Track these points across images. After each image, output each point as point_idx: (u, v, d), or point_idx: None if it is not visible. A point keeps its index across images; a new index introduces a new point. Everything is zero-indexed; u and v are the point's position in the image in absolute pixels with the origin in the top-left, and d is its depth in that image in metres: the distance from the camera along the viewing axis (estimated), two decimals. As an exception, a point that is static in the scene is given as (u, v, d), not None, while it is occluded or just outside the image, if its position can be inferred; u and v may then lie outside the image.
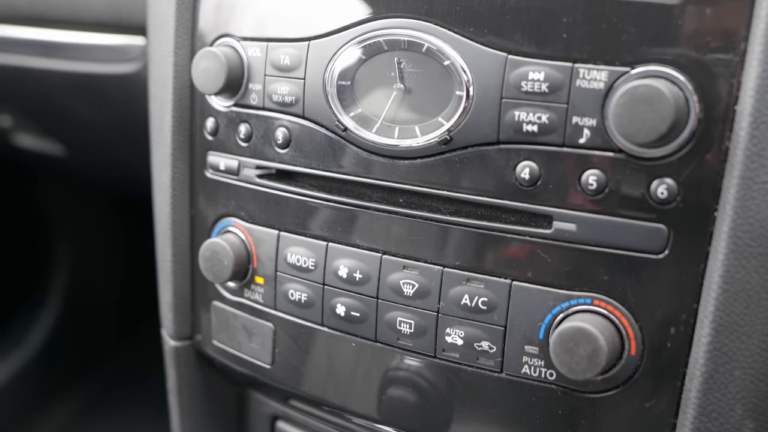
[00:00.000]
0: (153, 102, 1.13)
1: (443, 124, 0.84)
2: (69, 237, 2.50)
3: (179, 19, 1.05)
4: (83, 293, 2.51)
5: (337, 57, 0.89)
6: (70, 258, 2.50)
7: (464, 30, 0.82)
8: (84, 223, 2.54)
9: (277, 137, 0.96)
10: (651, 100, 0.70)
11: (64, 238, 2.49)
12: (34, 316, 2.41)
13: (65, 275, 2.48)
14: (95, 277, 2.56)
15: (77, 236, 2.51)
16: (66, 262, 2.50)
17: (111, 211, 2.60)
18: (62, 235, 2.50)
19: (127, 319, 2.60)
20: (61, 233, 2.50)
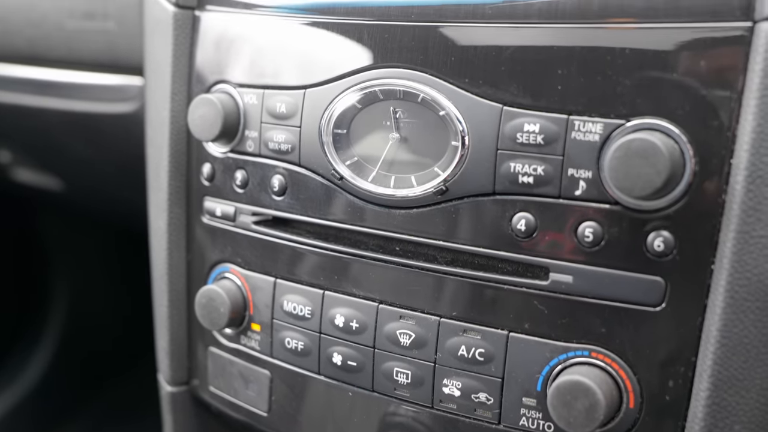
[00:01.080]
0: (150, 146, 1.13)
1: (439, 174, 0.84)
2: (67, 271, 2.49)
3: (176, 65, 1.05)
4: (81, 328, 2.50)
5: (332, 105, 0.89)
6: (68, 293, 2.49)
7: (459, 81, 0.82)
8: (83, 257, 2.54)
9: (273, 184, 0.95)
10: (646, 154, 0.70)
11: (62, 273, 2.49)
12: (31, 351, 2.40)
13: (63, 310, 2.47)
14: (93, 312, 2.55)
15: (76, 270, 2.50)
16: (64, 296, 2.49)
17: (111, 244, 2.60)
18: (61, 269, 2.49)
19: (124, 354, 2.58)
20: (59, 267, 2.49)
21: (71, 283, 2.50)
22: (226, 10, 1.01)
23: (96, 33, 1.37)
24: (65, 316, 2.45)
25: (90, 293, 2.55)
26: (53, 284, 2.48)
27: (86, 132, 1.59)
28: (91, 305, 2.57)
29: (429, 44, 0.83)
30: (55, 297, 2.48)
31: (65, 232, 2.50)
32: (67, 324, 2.44)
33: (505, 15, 0.79)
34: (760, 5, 0.69)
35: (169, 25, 1.05)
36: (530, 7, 0.78)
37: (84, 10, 1.38)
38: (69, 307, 2.49)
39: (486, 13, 0.80)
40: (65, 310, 2.46)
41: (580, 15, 0.76)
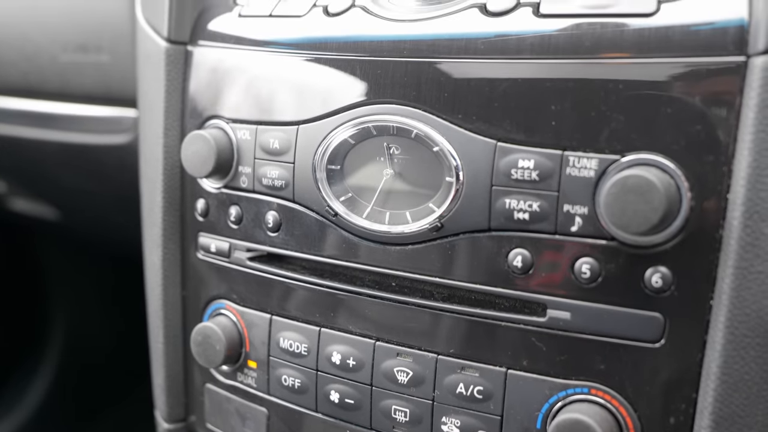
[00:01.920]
0: (144, 181, 1.13)
1: (434, 211, 0.83)
2: (65, 299, 2.48)
3: (168, 100, 1.05)
4: (79, 357, 2.48)
5: (326, 141, 0.89)
6: (66, 321, 2.47)
7: (453, 117, 0.81)
8: (81, 285, 2.52)
9: (268, 220, 0.95)
10: (642, 190, 0.69)
11: (60, 301, 2.47)
12: (29, 380, 2.39)
13: (60, 339, 2.45)
14: (91, 340, 2.53)
15: (73, 299, 2.49)
16: (61, 325, 2.47)
17: (108, 272, 2.58)
18: (58, 297, 2.48)
19: (121, 384, 2.56)
20: (57, 296, 2.48)
21: (68, 312, 2.49)
22: (219, 45, 1.00)
23: (89, 66, 1.37)
24: (62, 345, 2.44)
25: (87, 321, 2.54)
26: (51, 313, 2.47)
27: (81, 163, 1.59)
28: (89, 333, 2.55)
29: (422, 80, 0.83)
30: (52, 325, 2.47)
31: (63, 260, 2.48)
32: (65, 353, 2.42)
33: (498, 50, 0.79)
34: (753, 39, 0.69)
35: (161, 61, 1.05)
36: (522, 42, 0.78)
37: (77, 44, 1.38)
38: (66, 336, 2.47)
39: (478, 49, 0.80)
40: (62, 339, 2.45)
41: (572, 50, 0.76)
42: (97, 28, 1.34)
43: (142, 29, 1.11)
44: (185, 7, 1.04)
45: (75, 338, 2.45)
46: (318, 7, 0.93)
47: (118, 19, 1.30)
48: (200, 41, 1.03)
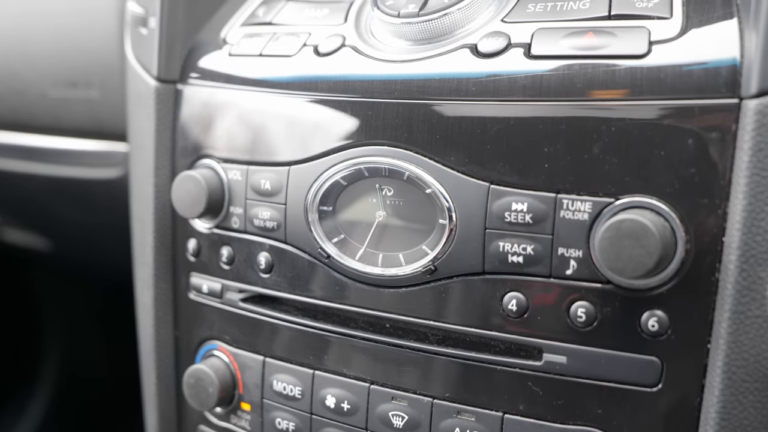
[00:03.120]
0: (135, 221, 1.12)
1: (428, 253, 0.82)
2: (59, 330, 2.46)
3: (159, 139, 1.04)
4: (73, 386, 2.46)
5: (318, 182, 0.88)
6: (60, 351, 2.45)
7: (445, 159, 0.81)
8: (75, 314, 2.51)
9: (260, 262, 0.94)
10: (637, 235, 0.69)
11: (54, 331, 2.46)
12: (23, 409, 2.36)
13: (55, 367, 2.43)
14: (85, 371, 2.51)
15: (68, 329, 2.47)
16: (56, 353, 2.45)
17: (102, 301, 2.57)
18: (52, 327, 2.46)
19: (116, 411, 2.54)
20: (51, 326, 2.46)
21: (63, 342, 2.47)
22: (209, 84, 1.00)
23: (79, 101, 1.36)
24: (56, 376, 2.42)
25: (81, 351, 2.52)
26: (45, 343, 2.45)
27: (73, 196, 1.58)
28: (83, 363, 2.53)
29: (413, 122, 0.82)
30: (46, 356, 2.45)
31: (56, 290, 2.47)
32: (58, 384, 2.40)
33: (489, 92, 0.79)
34: (745, 82, 0.69)
35: (151, 100, 1.04)
36: (514, 83, 0.78)
37: (66, 79, 1.37)
38: (60, 367, 2.45)
39: (470, 91, 0.79)
40: (56, 370, 2.43)
41: (564, 92, 0.75)
42: (86, 64, 1.33)
43: (131, 68, 1.10)
44: (174, 45, 1.03)
45: (69, 369, 2.43)
46: (308, 46, 0.92)
47: (107, 56, 1.29)
48: (190, 80, 1.02)
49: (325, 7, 0.96)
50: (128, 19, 1.12)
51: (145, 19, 1.07)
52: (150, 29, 1.04)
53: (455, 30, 0.84)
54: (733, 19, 0.72)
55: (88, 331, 2.55)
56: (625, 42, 0.74)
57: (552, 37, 0.78)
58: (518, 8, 0.83)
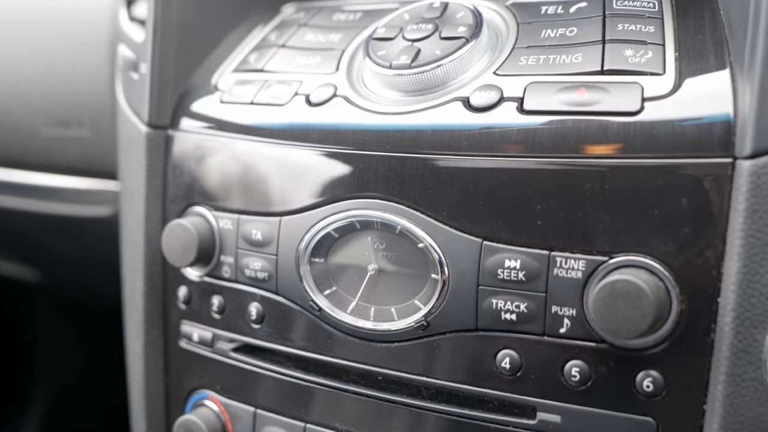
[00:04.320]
0: (125, 266, 1.11)
1: (420, 308, 0.81)
2: (51, 357, 2.44)
3: (149, 186, 1.03)
4: (64, 414, 2.44)
5: (309, 234, 0.87)
6: (52, 378, 2.43)
7: (437, 213, 0.80)
8: (66, 342, 2.49)
9: (251, 312, 0.93)
10: (631, 296, 0.68)
11: (46, 358, 2.44)
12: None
13: (45, 397, 2.41)
14: (77, 398, 2.49)
15: (59, 356, 2.45)
16: (47, 382, 2.43)
17: (94, 329, 2.55)
18: (44, 354, 2.44)
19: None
20: (42, 353, 2.44)
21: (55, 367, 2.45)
22: (199, 131, 0.99)
23: (71, 140, 1.36)
24: (48, 400, 2.40)
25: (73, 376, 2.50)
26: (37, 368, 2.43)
27: (64, 233, 1.57)
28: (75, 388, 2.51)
29: (405, 175, 0.81)
30: (38, 381, 2.43)
31: (48, 316, 2.45)
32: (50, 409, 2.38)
33: (482, 147, 0.78)
34: (739, 141, 0.68)
35: (142, 146, 1.03)
36: (506, 139, 0.77)
37: (58, 118, 1.36)
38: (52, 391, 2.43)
39: (462, 145, 0.79)
40: (48, 395, 2.41)
41: (557, 148, 0.75)
42: (77, 104, 1.32)
43: (122, 112, 1.10)
44: (165, 91, 1.03)
45: (60, 396, 2.41)
46: (300, 95, 0.91)
47: (98, 96, 1.28)
48: (181, 126, 1.01)
49: (316, 55, 0.96)
50: (119, 63, 1.12)
51: (136, 63, 1.06)
52: (141, 74, 1.04)
53: (447, 81, 0.84)
54: (726, 71, 0.72)
55: (80, 359, 2.52)
56: (617, 98, 0.74)
57: (544, 92, 0.77)
58: (511, 60, 0.83)
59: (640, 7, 0.83)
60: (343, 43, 0.96)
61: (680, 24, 0.79)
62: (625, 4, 0.83)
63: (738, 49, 0.72)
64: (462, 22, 0.86)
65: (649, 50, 0.77)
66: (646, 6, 0.82)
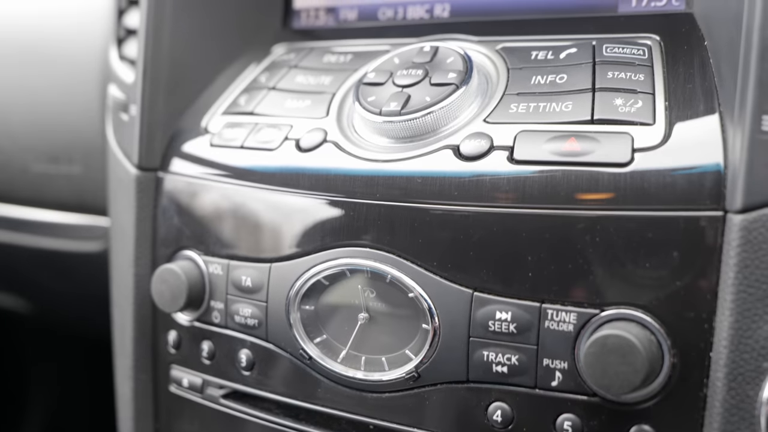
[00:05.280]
0: (115, 308, 1.10)
1: (411, 359, 0.81)
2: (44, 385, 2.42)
3: (139, 228, 1.03)
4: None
5: (299, 282, 0.86)
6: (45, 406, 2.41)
7: (427, 263, 0.79)
8: (60, 371, 2.47)
9: (241, 359, 0.92)
10: (623, 352, 0.67)
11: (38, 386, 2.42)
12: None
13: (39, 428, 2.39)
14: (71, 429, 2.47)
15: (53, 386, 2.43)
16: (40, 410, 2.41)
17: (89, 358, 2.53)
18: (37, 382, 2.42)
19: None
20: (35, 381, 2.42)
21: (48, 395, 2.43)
22: (189, 175, 0.98)
23: (61, 177, 1.35)
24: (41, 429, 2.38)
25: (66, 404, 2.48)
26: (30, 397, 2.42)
27: (55, 267, 1.56)
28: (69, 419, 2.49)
29: (395, 224, 0.81)
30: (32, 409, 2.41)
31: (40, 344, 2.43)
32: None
33: (472, 197, 0.77)
34: (730, 195, 0.68)
35: (131, 188, 1.03)
36: (497, 188, 0.77)
37: (49, 155, 1.36)
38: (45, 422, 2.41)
39: (452, 195, 0.78)
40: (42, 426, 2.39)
41: (547, 199, 0.74)
42: (68, 141, 1.32)
43: (112, 153, 1.09)
44: (155, 133, 1.02)
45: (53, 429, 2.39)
46: (290, 140, 0.91)
47: (89, 134, 1.28)
48: (171, 169, 1.01)
49: (307, 98, 0.96)
50: (109, 104, 1.11)
51: (126, 104, 1.06)
52: (131, 116, 1.03)
53: (438, 128, 0.83)
54: (716, 122, 0.72)
55: (73, 388, 2.51)
56: (607, 149, 0.73)
57: (535, 141, 0.77)
58: (501, 107, 0.82)
59: (629, 54, 0.82)
60: (333, 87, 0.96)
61: (670, 72, 0.79)
62: (615, 51, 0.83)
63: (728, 99, 0.72)
64: (452, 68, 0.86)
65: (639, 99, 0.76)
66: (636, 53, 0.82)
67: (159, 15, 1.01)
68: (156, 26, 1.01)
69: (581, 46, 0.86)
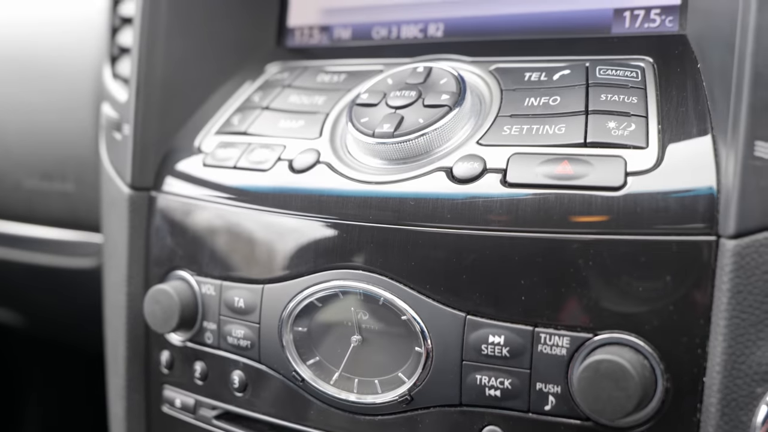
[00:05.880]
0: (108, 326, 1.09)
1: (404, 381, 0.80)
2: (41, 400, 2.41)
3: (132, 248, 1.02)
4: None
5: (292, 303, 0.86)
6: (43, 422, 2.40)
7: (420, 286, 0.79)
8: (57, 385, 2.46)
9: (233, 380, 0.92)
10: (616, 377, 0.67)
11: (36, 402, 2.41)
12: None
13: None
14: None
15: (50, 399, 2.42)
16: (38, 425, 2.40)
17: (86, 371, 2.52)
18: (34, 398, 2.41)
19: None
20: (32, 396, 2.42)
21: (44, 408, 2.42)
22: (182, 194, 0.98)
23: (55, 194, 1.35)
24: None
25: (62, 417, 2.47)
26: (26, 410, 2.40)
27: (48, 283, 1.55)
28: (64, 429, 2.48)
29: (388, 247, 0.81)
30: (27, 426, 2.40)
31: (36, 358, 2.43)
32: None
33: (465, 220, 0.77)
34: (723, 220, 0.68)
35: (124, 207, 1.03)
36: (489, 211, 0.76)
37: (42, 171, 1.36)
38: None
39: (445, 217, 0.78)
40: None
41: (540, 223, 0.74)
42: (61, 158, 1.32)
43: (105, 172, 1.09)
44: (148, 152, 1.02)
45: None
46: (283, 161, 0.91)
47: (83, 151, 1.28)
48: (164, 188, 1.01)
49: (300, 118, 0.95)
50: (103, 122, 1.11)
51: (119, 124, 1.06)
52: (124, 135, 1.03)
53: (431, 150, 0.83)
54: (709, 146, 0.72)
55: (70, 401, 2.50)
56: (600, 172, 0.73)
57: (528, 164, 0.77)
58: (494, 129, 0.82)
59: (623, 76, 0.82)
60: (326, 107, 0.96)
61: (663, 95, 0.79)
62: (608, 73, 0.83)
63: (720, 123, 0.72)
64: (445, 89, 0.86)
65: (632, 122, 0.76)
66: (629, 76, 0.82)
67: (152, 34, 1.01)
68: (149, 45, 1.01)
69: (574, 67, 0.86)
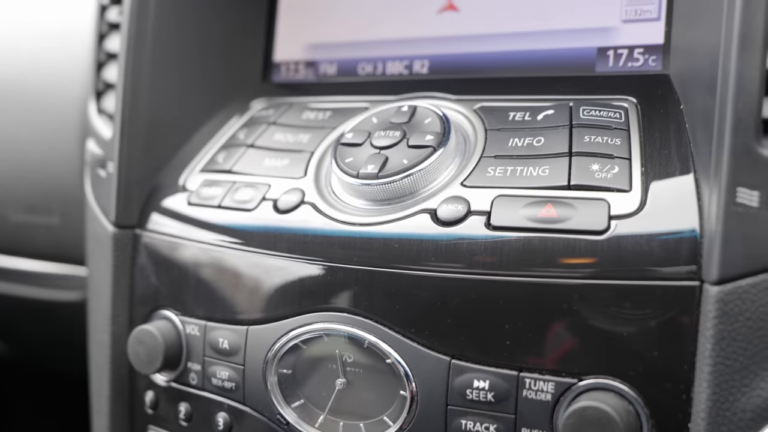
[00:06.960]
0: (92, 366, 1.09)
1: (389, 425, 0.80)
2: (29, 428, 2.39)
3: (116, 286, 1.02)
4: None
5: (277, 345, 0.86)
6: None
7: (405, 329, 0.79)
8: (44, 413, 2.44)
9: (218, 422, 0.91)
10: (600, 424, 0.67)
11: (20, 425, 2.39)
12: None
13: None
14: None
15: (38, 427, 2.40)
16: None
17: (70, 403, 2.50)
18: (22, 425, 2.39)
19: None
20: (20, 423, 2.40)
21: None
22: (166, 233, 0.97)
23: (40, 227, 1.34)
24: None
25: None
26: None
27: (33, 315, 1.54)
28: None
29: (373, 290, 0.80)
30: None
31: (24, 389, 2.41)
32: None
33: (449, 263, 0.77)
34: (706, 266, 0.67)
35: (108, 246, 1.02)
36: (473, 254, 0.76)
37: (27, 204, 1.35)
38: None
39: (429, 260, 0.78)
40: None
41: (524, 266, 0.74)
42: (47, 191, 1.31)
43: (90, 209, 1.08)
44: (132, 190, 1.01)
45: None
46: (267, 201, 0.90)
47: (68, 184, 1.27)
48: (148, 226, 1.00)
49: (285, 157, 0.95)
50: (87, 159, 1.11)
51: (103, 161, 1.05)
52: (108, 173, 1.02)
53: (415, 191, 0.83)
54: (692, 189, 0.72)
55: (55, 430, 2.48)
56: (584, 216, 0.73)
57: (512, 206, 0.76)
58: (478, 170, 0.82)
59: (606, 117, 0.82)
60: (311, 145, 0.95)
61: (646, 137, 0.79)
62: (592, 113, 0.83)
63: (703, 166, 0.72)
64: (429, 129, 0.86)
65: (615, 165, 0.77)
66: (612, 117, 0.82)
67: (137, 70, 1.01)
68: (134, 82, 1.01)
69: (558, 107, 0.86)
